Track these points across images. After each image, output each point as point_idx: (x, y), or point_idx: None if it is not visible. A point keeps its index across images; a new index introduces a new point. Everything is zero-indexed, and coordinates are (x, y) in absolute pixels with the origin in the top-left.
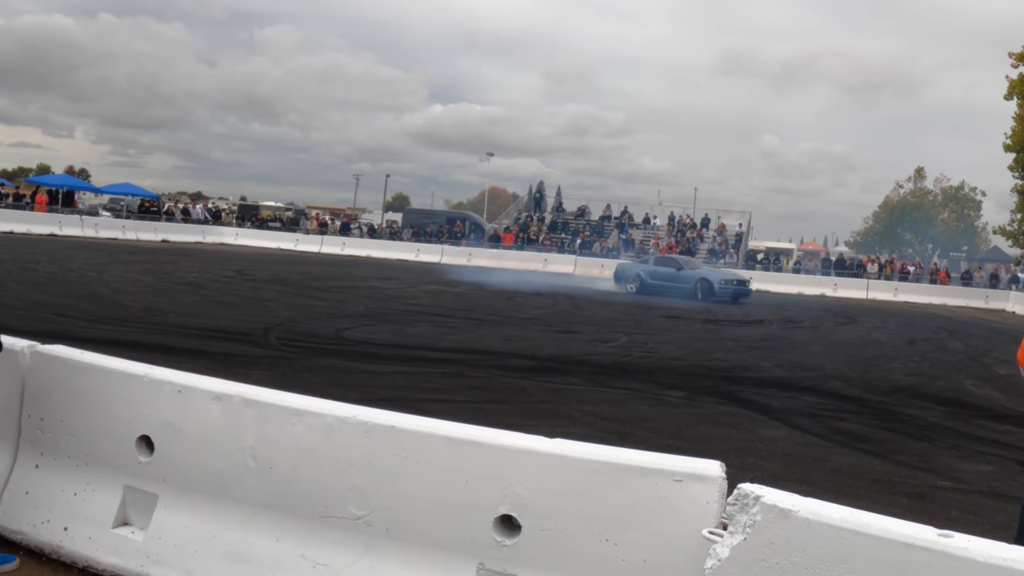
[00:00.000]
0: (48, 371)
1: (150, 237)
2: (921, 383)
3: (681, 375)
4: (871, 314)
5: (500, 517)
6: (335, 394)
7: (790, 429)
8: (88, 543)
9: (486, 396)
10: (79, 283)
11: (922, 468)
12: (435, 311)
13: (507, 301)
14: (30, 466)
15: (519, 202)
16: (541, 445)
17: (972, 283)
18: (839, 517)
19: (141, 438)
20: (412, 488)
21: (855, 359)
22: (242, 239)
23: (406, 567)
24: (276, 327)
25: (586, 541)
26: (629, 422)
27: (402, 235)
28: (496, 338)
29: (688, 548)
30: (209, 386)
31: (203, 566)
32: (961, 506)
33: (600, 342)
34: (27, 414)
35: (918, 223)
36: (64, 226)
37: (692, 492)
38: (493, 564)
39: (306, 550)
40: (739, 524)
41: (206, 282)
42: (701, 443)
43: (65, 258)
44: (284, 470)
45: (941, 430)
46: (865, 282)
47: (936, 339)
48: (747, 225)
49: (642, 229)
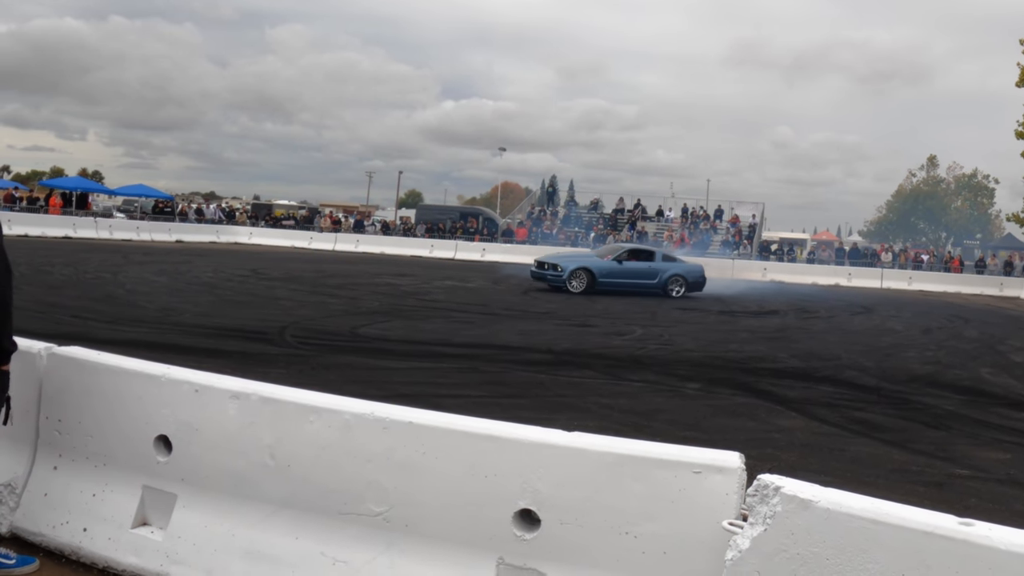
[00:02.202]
0: (65, 373)
1: (164, 238)
2: (937, 372)
3: (697, 367)
4: (886, 303)
5: (519, 511)
6: (352, 391)
7: (807, 419)
8: (107, 544)
9: (503, 391)
10: (94, 285)
11: (940, 457)
12: (450, 307)
13: (522, 296)
14: (48, 468)
15: (532, 196)
16: (559, 439)
17: (986, 271)
18: (860, 507)
19: (159, 438)
20: (431, 484)
21: (871, 348)
22: (256, 238)
23: (426, 563)
24: (292, 325)
25: (606, 534)
26: (646, 414)
27: (415, 231)
28: (512, 333)
29: (708, 540)
30: (226, 385)
31: (223, 565)
32: (979, 494)
33: (615, 335)
34: (45, 416)
35: (931, 211)
36: (78, 228)
37: (711, 484)
38: (513, 559)
39: (325, 547)
40: (759, 515)
41: (221, 281)
42: (718, 434)
43: (80, 260)
44: (302, 468)
45: (958, 418)
46: (879, 271)
47: (951, 327)
48: (760, 216)
49: (655, 222)
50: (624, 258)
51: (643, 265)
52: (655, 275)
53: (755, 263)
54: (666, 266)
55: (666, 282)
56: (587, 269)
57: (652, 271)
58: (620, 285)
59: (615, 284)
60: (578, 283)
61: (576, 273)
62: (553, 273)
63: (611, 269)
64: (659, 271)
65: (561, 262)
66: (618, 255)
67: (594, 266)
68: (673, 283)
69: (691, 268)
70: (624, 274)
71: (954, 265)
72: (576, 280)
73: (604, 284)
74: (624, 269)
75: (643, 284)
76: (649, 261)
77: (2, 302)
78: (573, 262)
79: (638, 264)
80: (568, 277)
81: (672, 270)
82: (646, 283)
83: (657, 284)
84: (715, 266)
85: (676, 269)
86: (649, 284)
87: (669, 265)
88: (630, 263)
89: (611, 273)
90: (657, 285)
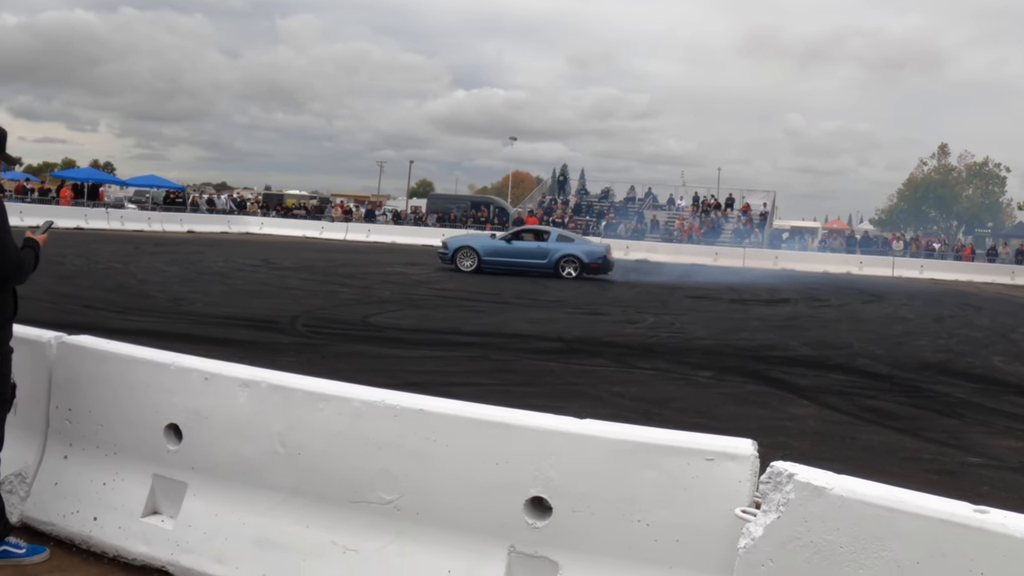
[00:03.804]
0: (75, 361)
1: (176, 228)
2: (949, 360)
3: (708, 355)
4: (897, 292)
5: (531, 499)
6: (363, 379)
7: (819, 407)
8: (118, 532)
9: (513, 379)
10: (106, 275)
11: (952, 445)
12: (461, 295)
13: (532, 284)
14: (59, 457)
15: (543, 185)
16: (571, 426)
17: (998, 259)
18: (874, 494)
19: (169, 426)
20: (442, 471)
21: (882, 337)
22: (267, 228)
23: (437, 551)
24: (303, 314)
25: (618, 522)
26: (657, 402)
27: (427, 221)
28: (522, 321)
29: (721, 528)
30: (236, 373)
31: (233, 553)
32: (992, 482)
33: (627, 323)
34: (55, 405)
35: (943, 200)
36: (90, 219)
37: (724, 471)
38: (524, 547)
39: (336, 535)
40: (773, 503)
41: (232, 271)
42: (730, 422)
43: (92, 251)
44: (312, 456)
45: (970, 406)
46: (891, 260)
47: (963, 316)
48: (772, 204)
49: (667, 210)
50: (513, 238)
51: (532, 245)
52: (545, 255)
53: (766, 251)
54: (558, 246)
55: (557, 262)
56: (472, 248)
57: (542, 251)
58: (507, 264)
59: (501, 263)
60: (470, 263)
61: (462, 251)
62: (443, 252)
63: (497, 248)
64: (550, 251)
65: (451, 242)
66: (507, 235)
67: (479, 245)
68: (566, 263)
69: (590, 249)
70: (512, 253)
71: (965, 253)
72: (467, 260)
73: (489, 263)
74: (512, 248)
75: (532, 264)
76: (541, 241)
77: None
78: (460, 242)
79: (527, 244)
80: (453, 256)
81: (565, 250)
82: (535, 263)
83: (547, 264)
84: (726, 254)
85: (570, 249)
86: (538, 264)
87: (562, 245)
88: (519, 243)
89: (497, 252)
90: (547, 265)
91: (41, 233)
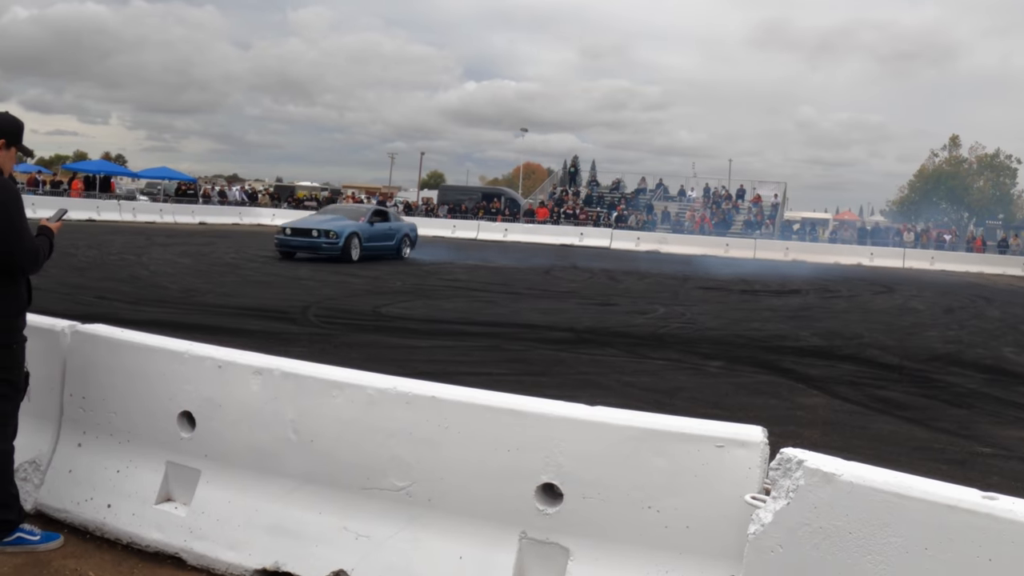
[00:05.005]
0: (89, 350)
1: (187, 220)
2: (959, 351)
3: (719, 345)
4: (908, 283)
5: (542, 486)
6: (374, 369)
7: (829, 397)
8: (131, 519)
9: (525, 368)
10: (118, 266)
11: (962, 435)
12: (472, 286)
13: (543, 275)
14: (73, 445)
15: (554, 177)
16: (582, 413)
17: (1008, 251)
18: (883, 480)
19: (182, 414)
20: (454, 458)
21: (893, 328)
22: (279, 219)
23: (449, 537)
24: (314, 305)
25: (628, 508)
26: (668, 392)
27: (438, 212)
28: (534, 311)
29: (731, 514)
30: (249, 361)
31: (246, 540)
32: (1002, 472)
33: (638, 314)
34: (69, 393)
35: (954, 191)
36: (102, 211)
37: (734, 458)
38: (536, 533)
39: (349, 522)
40: (782, 489)
41: (243, 262)
42: (740, 412)
43: (104, 242)
44: (325, 443)
45: (980, 397)
46: (901, 251)
47: (973, 307)
48: (783, 196)
49: (677, 201)
50: (375, 220)
51: (386, 226)
52: (393, 236)
53: (777, 243)
54: (399, 226)
55: (400, 242)
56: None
57: (391, 232)
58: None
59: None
60: (355, 252)
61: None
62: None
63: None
64: (395, 232)
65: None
66: (370, 217)
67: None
68: (404, 243)
69: (412, 226)
70: (376, 237)
71: (976, 245)
72: (354, 250)
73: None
74: (375, 231)
75: (386, 247)
76: (387, 222)
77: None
78: (336, 224)
79: (384, 225)
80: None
81: (404, 230)
82: (387, 245)
83: (394, 246)
84: (737, 246)
85: (406, 229)
86: (388, 246)
87: (401, 225)
88: (380, 224)
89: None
90: (394, 247)
91: (55, 221)
